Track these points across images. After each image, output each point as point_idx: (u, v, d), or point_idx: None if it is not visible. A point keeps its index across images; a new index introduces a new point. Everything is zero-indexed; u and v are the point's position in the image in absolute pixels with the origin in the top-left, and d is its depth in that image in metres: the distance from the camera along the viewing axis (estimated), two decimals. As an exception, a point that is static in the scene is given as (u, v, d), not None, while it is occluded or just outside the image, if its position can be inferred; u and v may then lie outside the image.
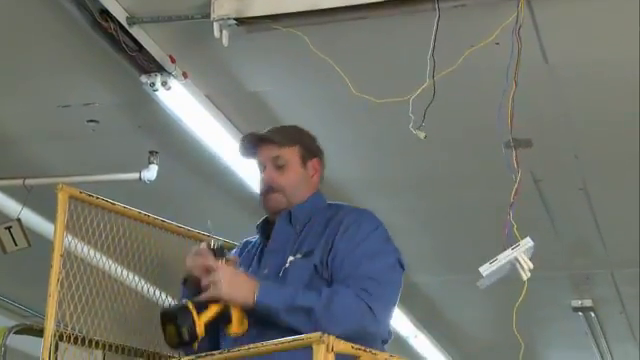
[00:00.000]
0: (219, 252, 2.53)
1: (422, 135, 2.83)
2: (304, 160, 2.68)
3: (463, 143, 4.34)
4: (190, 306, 2.43)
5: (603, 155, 4.42)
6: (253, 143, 2.69)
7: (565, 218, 5.15)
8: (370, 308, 2.46)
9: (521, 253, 2.61)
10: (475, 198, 4.93)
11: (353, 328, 2.40)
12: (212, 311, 2.46)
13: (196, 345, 2.44)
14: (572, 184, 4.74)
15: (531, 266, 2.60)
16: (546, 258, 2.76)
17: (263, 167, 2.67)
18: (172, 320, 2.44)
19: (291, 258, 2.58)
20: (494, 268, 2.61)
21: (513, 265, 2.63)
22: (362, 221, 2.63)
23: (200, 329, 2.42)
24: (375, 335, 2.53)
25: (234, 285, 2.44)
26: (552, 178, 4.65)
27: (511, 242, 2.63)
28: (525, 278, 2.60)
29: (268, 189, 2.65)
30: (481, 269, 2.61)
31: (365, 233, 2.59)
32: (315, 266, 2.54)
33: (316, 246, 2.57)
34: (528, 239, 2.64)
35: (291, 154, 2.66)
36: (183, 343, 2.44)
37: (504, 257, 2.62)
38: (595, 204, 4.97)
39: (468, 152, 4.44)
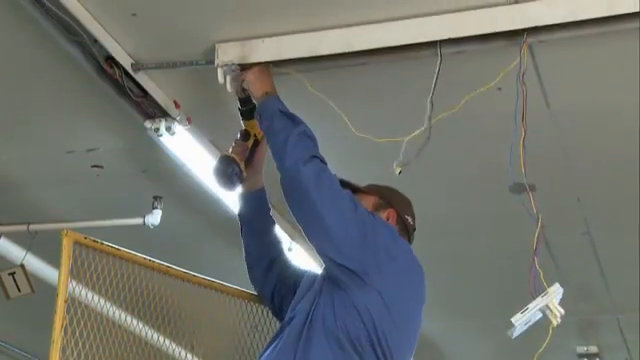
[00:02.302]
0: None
1: (397, 171, 2.89)
2: (377, 207, 2.90)
3: (466, 187, 4.34)
4: (229, 154, 3.03)
5: (606, 200, 4.42)
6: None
7: (569, 263, 5.13)
8: (318, 173, 2.70)
9: (552, 300, 2.62)
10: (478, 242, 4.92)
11: (295, 168, 2.70)
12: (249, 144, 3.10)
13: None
14: (576, 229, 4.73)
15: (562, 312, 2.61)
16: (550, 303, 2.75)
17: None
18: (220, 173, 3.01)
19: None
20: (526, 317, 2.61)
21: (543, 312, 2.63)
22: None
23: (243, 167, 3.02)
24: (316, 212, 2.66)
25: (257, 76, 3.02)
26: (556, 223, 4.64)
27: (537, 289, 2.63)
28: (555, 324, 2.61)
29: None
30: (513, 319, 2.62)
31: None
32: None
33: None
34: (557, 285, 2.66)
35: (365, 200, 2.89)
36: (236, 185, 3.04)
37: (535, 305, 2.64)
38: (599, 249, 4.96)
39: (471, 197, 4.44)
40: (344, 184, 2.90)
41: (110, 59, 3.28)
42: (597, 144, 3.91)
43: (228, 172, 3.00)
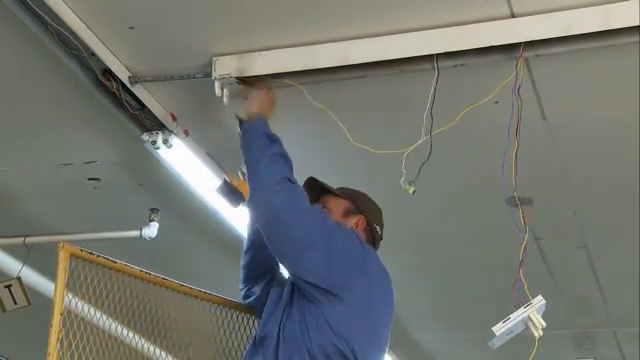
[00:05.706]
0: None
1: (411, 190, 2.90)
2: (347, 213, 2.92)
3: (463, 200, 4.35)
4: (227, 179, 3.27)
5: (603, 213, 4.42)
6: (317, 190, 2.98)
7: (566, 276, 5.14)
8: (290, 195, 2.70)
9: (534, 311, 2.62)
10: (475, 255, 4.93)
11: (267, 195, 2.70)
12: None
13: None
14: (572, 242, 4.73)
15: (544, 324, 2.61)
16: (548, 317, 2.75)
17: None
18: (221, 194, 3.27)
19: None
20: (507, 327, 2.61)
21: (525, 323, 2.63)
22: None
23: (241, 188, 3.20)
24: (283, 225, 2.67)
25: (255, 102, 3.00)
26: (552, 236, 4.65)
27: (521, 300, 2.63)
28: (538, 336, 2.61)
29: None
30: (494, 328, 2.62)
31: None
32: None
33: None
34: (540, 297, 2.65)
35: (336, 204, 2.92)
36: (237, 204, 3.28)
37: (517, 316, 2.63)
38: (596, 262, 4.96)
39: (468, 209, 4.44)
40: (314, 183, 2.90)
41: (107, 72, 3.28)
42: (594, 157, 3.92)
43: (223, 192, 3.27)
